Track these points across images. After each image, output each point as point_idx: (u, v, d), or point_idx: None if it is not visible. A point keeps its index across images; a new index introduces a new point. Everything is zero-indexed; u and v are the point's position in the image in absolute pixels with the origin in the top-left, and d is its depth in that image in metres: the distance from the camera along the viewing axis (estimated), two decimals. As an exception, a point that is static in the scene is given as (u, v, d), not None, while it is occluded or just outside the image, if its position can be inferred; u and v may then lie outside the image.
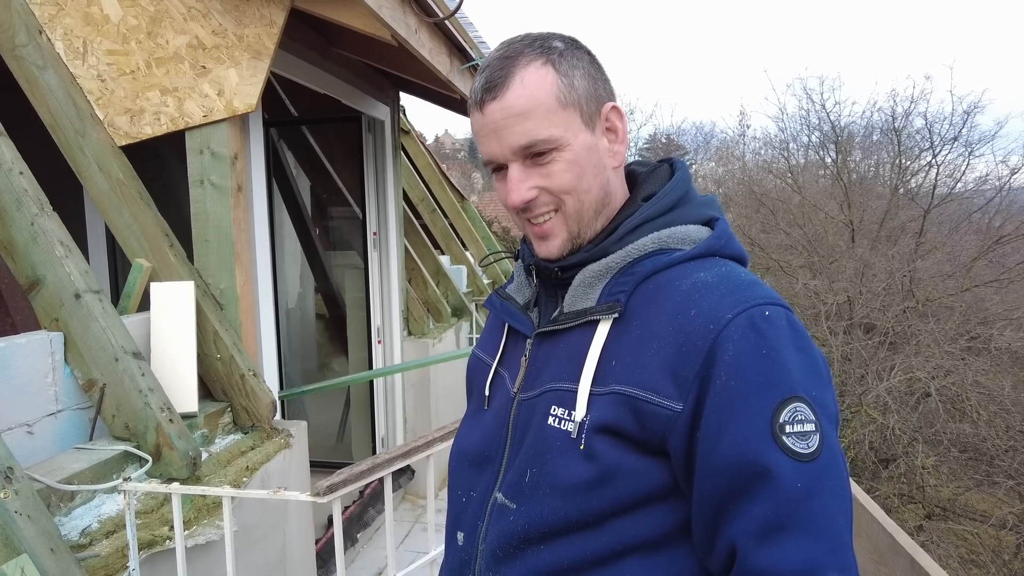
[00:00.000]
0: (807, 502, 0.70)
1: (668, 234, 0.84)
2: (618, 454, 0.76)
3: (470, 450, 0.93)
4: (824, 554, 0.70)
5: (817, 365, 0.76)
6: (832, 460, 0.72)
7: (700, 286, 0.78)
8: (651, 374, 0.75)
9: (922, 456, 7.85)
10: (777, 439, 0.70)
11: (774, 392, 0.71)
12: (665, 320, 0.77)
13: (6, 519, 1.34)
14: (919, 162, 12.21)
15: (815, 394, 0.73)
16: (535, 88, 0.80)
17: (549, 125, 0.80)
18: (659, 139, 25.23)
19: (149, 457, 1.87)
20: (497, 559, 0.83)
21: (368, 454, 4.32)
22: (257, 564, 2.23)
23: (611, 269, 0.83)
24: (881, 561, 1.45)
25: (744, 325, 0.73)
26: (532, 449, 0.83)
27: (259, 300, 2.57)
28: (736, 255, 0.86)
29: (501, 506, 0.84)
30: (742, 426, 0.71)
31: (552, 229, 0.85)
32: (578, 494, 0.77)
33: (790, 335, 0.74)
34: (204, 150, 2.35)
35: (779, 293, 0.82)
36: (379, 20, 2.17)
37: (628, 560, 0.77)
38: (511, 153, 0.82)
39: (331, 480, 1.50)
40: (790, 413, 0.71)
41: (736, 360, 0.72)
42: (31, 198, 1.91)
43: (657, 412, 0.74)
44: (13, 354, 1.72)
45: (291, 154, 4.84)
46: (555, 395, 0.82)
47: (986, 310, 9.68)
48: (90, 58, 2.34)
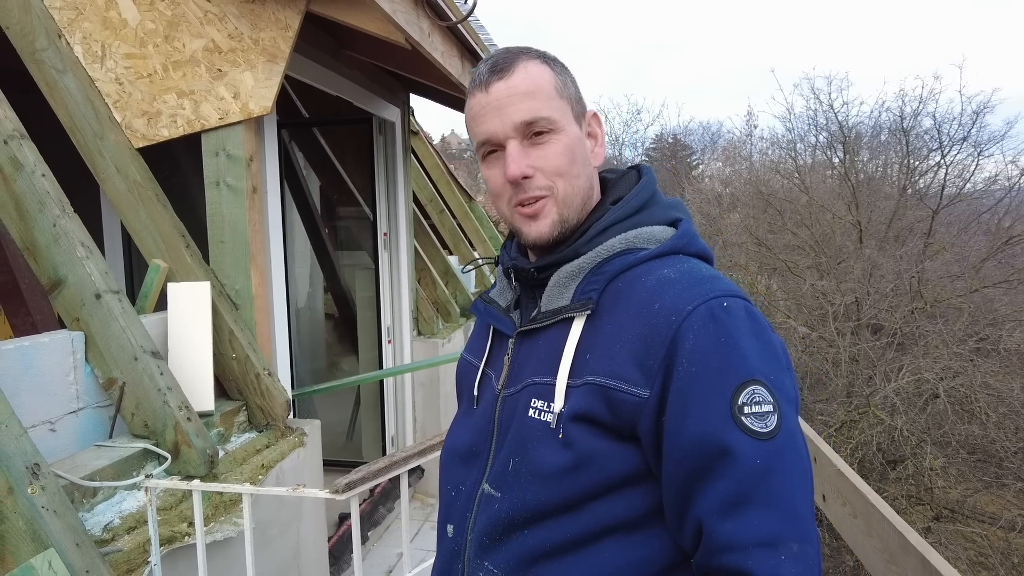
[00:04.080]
0: (766, 478, 0.74)
1: (635, 235, 0.90)
2: (593, 440, 0.81)
3: (459, 447, 0.98)
4: (784, 526, 0.74)
5: (775, 352, 0.81)
6: (790, 439, 0.77)
7: (663, 282, 0.84)
8: (620, 364, 0.81)
9: (930, 458, 7.82)
10: (736, 420, 0.75)
11: (732, 376, 0.76)
12: (632, 314, 0.83)
13: (34, 514, 1.37)
14: (928, 162, 12.16)
15: (773, 378, 0.78)
16: (538, 76, 0.89)
17: (550, 108, 0.88)
18: (666, 139, 25.19)
19: (168, 455, 1.91)
20: (484, 546, 0.87)
21: (378, 453, 4.35)
22: (272, 561, 2.26)
23: (583, 269, 0.89)
24: (892, 560, 1.46)
25: (704, 315, 0.78)
26: (514, 440, 0.88)
27: (273, 300, 2.60)
28: (699, 253, 0.91)
29: (488, 496, 0.89)
30: (703, 408, 0.76)
31: (543, 210, 0.89)
32: (557, 479, 0.82)
33: (748, 324, 0.80)
34: (220, 152, 2.38)
35: (786, 294, 0.87)
36: (394, 24, 2.20)
37: (606, 541, 0.81)
38: (512, 129, 0.88)
39: (350, 478, 1.53)
40: (748, 395, 0.76)
41: (696, 348, 0.77)
42: (53, 200, 1.94)
43: (626, 399, 0.79)
44: (36, 353, 1.76)
45: (302, 155, 4.88)
46: (535, 389, 0.87)
47: (995, 311, 9.63)
48: (108, 61, 2.38)
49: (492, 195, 0.93)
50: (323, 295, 5.14)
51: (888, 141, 13.55)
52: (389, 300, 4.28)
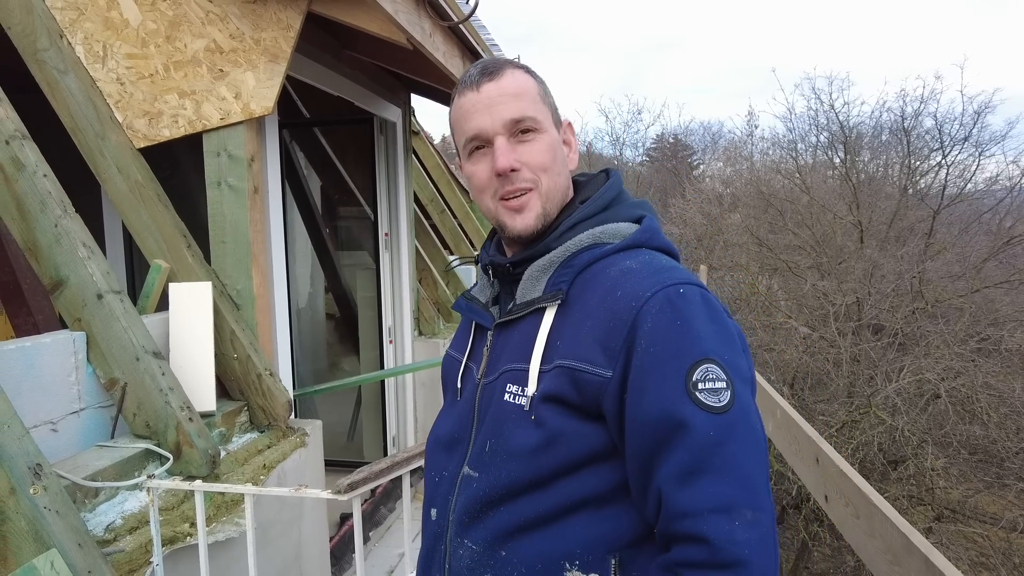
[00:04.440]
0: (720, 449, 0.80)
1: (601, 231, 0.97)
2: (562, 420, 0.88)
3: (442, 435, 1.04)
4: (738, 494, 0.80)
5: (730, 334, 0.87)
6: (744, 413, 0.83)
7: (625, 272, 0.91)
8: (586, 348, 0.88)
9: (931, 458, 7.81)
10: (691, 395, 0.81)
11: (687, 356, 0.83)
12: (597, 302, 0.90)
13: (36, 515, 1.37)
14: (929, 162, 12.16)
15: (727, 358, 0.84)
16: (524, 81, 0.98)
17: (535, 109, 0.97)
18: (667, 139, 25.19)
19: (170, 455, 1.91)
20: (463, 524, 0.93)
21: (379, 453, 4.35)
22: (273, 561, 2.26)
23: (554, 263, 0.96)
24: (895, 561, 1.46)
25: (661, 301, 0.85)
26: (492, 423, 0.95)
27: (275, 300, 2.60)
28: (662, 247, 0.98)
29: (467, 477, 0.95)
30: (661, 385, 0.82)
31: (528, 203, 0.97)
32: (529, 457, 0.88)
33: (703, 309, 0.86)
34: (221, 152, 2.38)
35: (787, 294, 0.91)
36: (396, 24, 2.20)
37: (577, 515, 0.87)
38: (501, 126, 0.95)
39: (352, 478, 1.53)
40: (702, 373, 0.82)
41: (654, 330, 0.84)
42: (55, 200, 1.94)
43: (592, 380, 0.86)
44: (39, 353, 1.76)
45: (303, 155, 4.88)
46: (510, 375, 0.94)
47: (997, 311, 9.62)
48: (110, 62, 2.38)
49: (476, 190, 0.99)
50: (324, 295, 5.13)
51: (889, 141, 13.55)
52: (390, 300, 4.28)
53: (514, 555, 0.88)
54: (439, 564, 0.97)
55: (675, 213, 15.00)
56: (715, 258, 12.44)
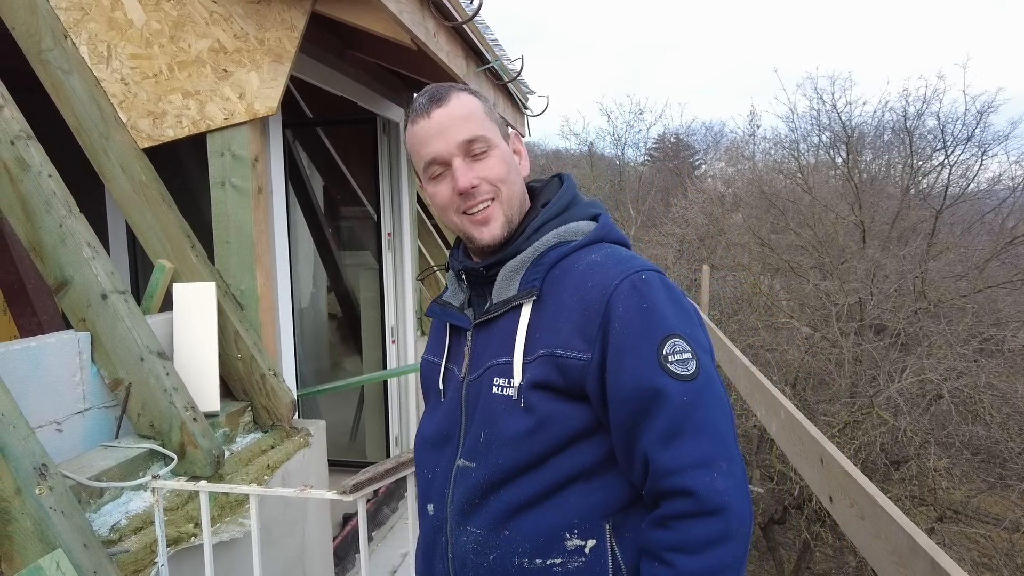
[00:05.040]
0: (694, 411, 0.91)
1: (564, 230, 1.06)
2: (550, 404, 0.96)
3: (430, 434, 1.10)
4: (714, 449, 0.91)
5: (688, 312, 0.98)
6: (708, 378, 0.94)
7: (592, 264, 1.00)
8: (566, 336, 0.96)
9: (934, 458, 7.81)
10: (663, 367, 0.92)
11: (656, 333, 0.93)
12: (571, 294, 0.98)
13: (42, 515, 1.37)
14: (931, 162, 12.14)
15: (688, 332, 0.95)
16: (470, 104, 1.05)
17: (484, 128, 1.04)
18: (668, 139, 25.16)
19: (174, 455, 1.91)
20: (465, 513, 1.00)
21: (381, 453, 4.34)
22: (277, 561, 2.26)
23: (525, 263, 1.04)
24: (901, 563, 1.45)
25: (628, 287, 0.95)
26: (482, 416, 1.01)
27: (278, 301, 2.60)
28: (618, 240, 1.08)
29: (463, 469, 1.02)
30: (636, 361, 0.92)
31: (492, 214, 1.04)
32: (522, 441, 0.96)
33: (663, 292, 0.97)
34: (225, 152, 2.38)
35: (789, 294, 0.99)
36: (399, 24, 2.19)
37: (570, 489, 0.96)
38: (456, 147, 1.02)
39: (357, 479, 1.53)
40: (671, 347, 0.93)
41: (625, 314, 0.94)
42: (60, 200, 1.94)
43: (574, 364, 0.95)
44: (43, 353, 1.76)
45: (306, 155, 4.88)
46: (496, 369, 1.01)
47: (999, 311, 9.61)
48: (114, 62, 2.38)
49: (440, 209, 1.07)
50: (327, 295, 5.13)
51: (891, 141, 13.53)
52: (393, 300, 4.27)
53: (517, 533, 0.96)
54: (441, 554, 1.03)
55: (677, 213, 14.99)
56: (717, 258, 12.44)
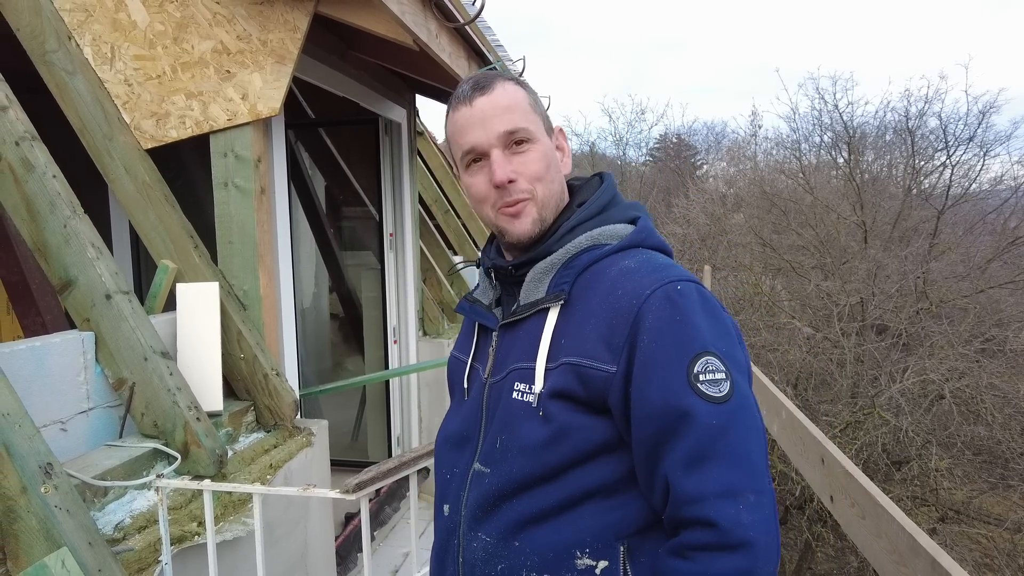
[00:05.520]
0: (723, 436, 0.84)
1: (599, 232, 1.01)
2: (569, 415, 0.91)
3: (452, 434, 1.07)
4: (742, 478, 0.83)
5: (726, 328, 0.91)
6: (743, 402, 0.87)
7: (625, 271, 0.94)
8: (591, 345, 0.91)
9: (936, 459, 7.80)
10: (693, 386, 0.85)
11: (688, 349, 0.87)
12: (599, 301, 0.93)
13: (47, 513, 1.38)
14: (933, 162, 12.13)
15: (725, 350, 0.88)
16: (515, 94, 1.01)
17: (527, 120, 1.00)
18: (670, 139, 25.15)
19: (178, 455, 1.91)
20: (477, 518, 0.97)
21: (383, 453, 4.35)
22: (280, 560, 2.27)
23: (555, 265, 0.99)
24: (901, 562, 1.46)
25: (661, 298, 0.89)
26: (501, 420, 0.98)
27: (281, 301, 2.61)
28: (657, 246, 1.02)
29: (479, 473, 0.98)
30: (664, 377, 0.86)
31: (525, 209, 1.00)
32: (539, 452, 0.92)
33: (700, 304, 0.90)
34: (228, 153, 2.39)
35: (791, 294, 0.97)
36: (402, 25, 2.20)
37: (585, 505, 0.91)
38: (496, 138, 0.98)
39: (360, 478, 1.54)
40: (702, 365, 0.86)
41: (655, 326, 0.88)
42: (64, 201, 1.95)
43: (597, 375, 0.90)
44: (48, 353, 1.77)
45: (308, 155, 4.89)
46: (518, 373, 0.97)
47: (1001, 312, 9.60)
48: (117, 63, 2.39)
49: (475, 201, 1.03)
50: (329, 295, 5.14)
51: (893, 141, 13.52)
52: (395, 300, 4.28)
53: (527, 545, 0.92)
54: (453, 557, 1.00)
55: (679, 213, 14.98)
56: (719, 258, 12.43)
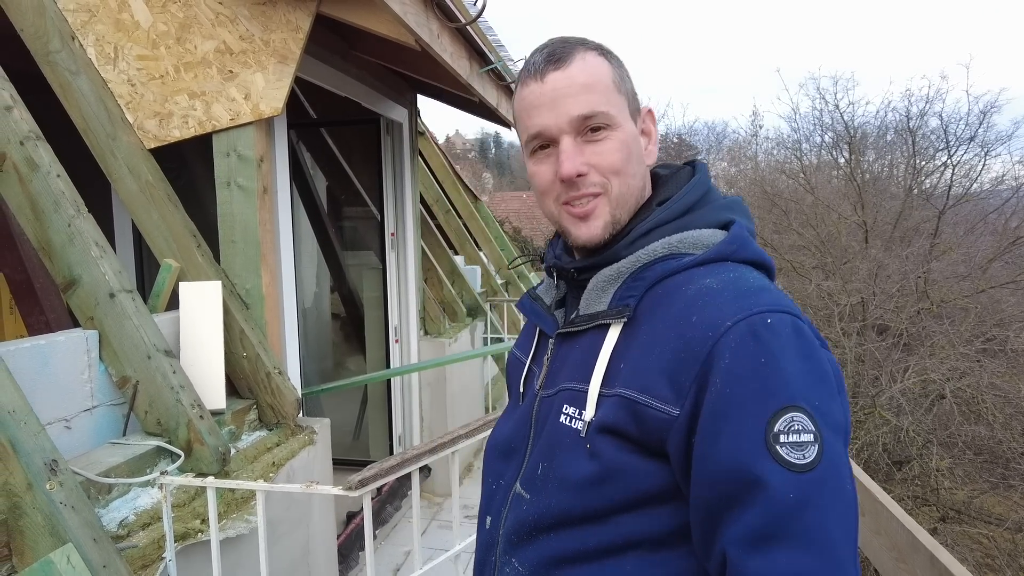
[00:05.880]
0: (800, 513, 0.68)
1: (679, 239, 0.84)
2: (620, 454, 0.78)
3: (501, 440, 0.98)
4: (817, 566, 0.68)
5: (824, 374, 0.74)
6: (833, 472, 0.70)
7: (704, 292, 0.78)
8: (652, 379, 0.76)
9: (936, 458, 7.80)
10: (770, 448, 0.69)
11: (770, 401, 0.70)
12: (669, 326, 0.78)
13: (52, 510, 1.39)
14: (934, 162, 12.12)
15: (818, 404, 0.71)
16: (596, 69, 0.85)
17: (608, 103, 0.84)
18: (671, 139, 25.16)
19: (181, 452, 1.93)
20: (512, 544, 0.88)
21: (385, 452, 4.37)
22: (282, 558, 2.28)
23: (622, 274, 0.85)
24: (901, 559, 1.47)
25: (743, 332, 0.73)
26: (546, 444, 0.87)
27: (283, 300, 2.62)
28: (752, 259, 0.85)
29: (518, 496, 0.89)
30: (736, 433, 0.71)
31: (595, 210, 0.86)
32: (582, 490, 0.80)
33: (794, 342, 0.73)
34: (231, 153, 2.40)
35: (792, 294, 0.86)
36: (404, 26, 2.21)
37: (629, 555, 0.79)
38: (567, 124, 0.84)
39: (362, 475, 1.55)
40: (786, 423, 0.70)
41: (732, 368, 0.72)
42: (68, 200, 1.96)
43: (655, 416, 0.75)
44: (52, 351, 1.78)
45: (310, 155, 4.91)
46: (568, 394, 0.85)
47: (1002, 312, 9.59)
48: (121, 63, 2.40)
49: (539, 192, 0.89)
50: (330, 295, 5.16)
51: (894, 141, 13.50)
52: (396, 300, 4.30)
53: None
54: (489, 574, 0.93)
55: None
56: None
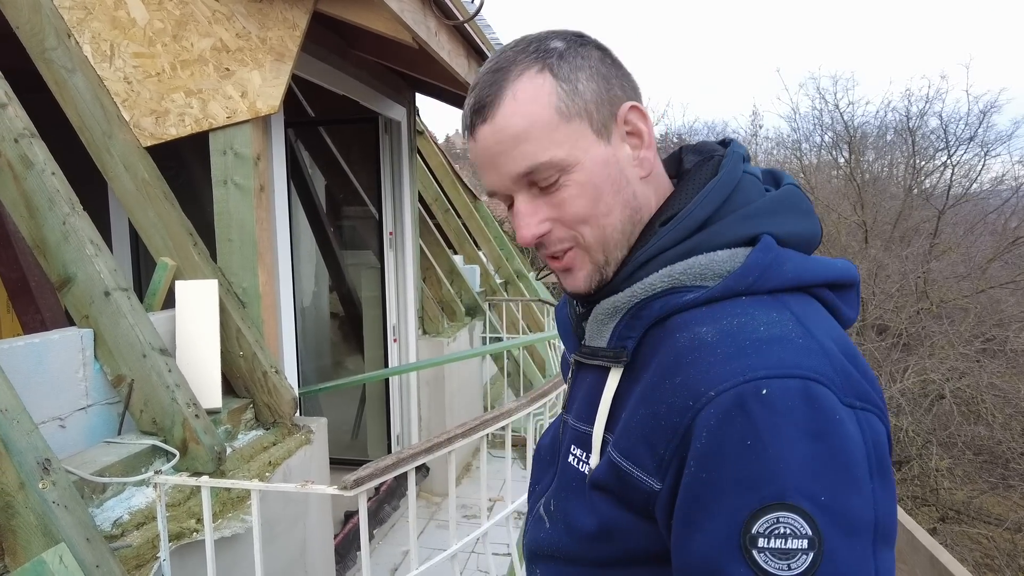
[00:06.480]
0: None
1: (684, 268, 0.69)
2: (615, 512, 0.70)
3: (544, 445, 0.92)
4: None
5: (842, 457, 0.58)
6: None
7: (696, 346, 0.64)
8: (635, 443, 0.67)
9: (936, 458, 7.81)
10: (745, 552, 0.57)
11: (750, 495, 0.58)
12: (656, 383, 0.66)
13: (45, 509, 1.38)
14: (934, 162, 12.14)
15: (824, 499, 0.57)
16: (530, 102, 0.68)
17: (551, 145, 0.69)
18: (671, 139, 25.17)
19: (176, 451, 1.92)
20: (533, 554, 0.85)
21: (383, 451, 4.36)
22: (278, 558, 2.27)
23: (619, 309, 0.72)
24: (900, 559, 1.46)
25: (728, 406, 0.59)
26: (560, 480, 0.81)
27: (280, 299, 2.61)
28: (785, 286, 0.67)
29: (540, 517, 0.84)
30: (708, 528, 0.60)
31: (573, 262, 0.74)
32: (584, 541, 0.74)
33: (797, 418, 0.58)
34: (227, 151, 2.39)
35: None
36: (401, 23, 2.20)
37: None
38: (512, 183, 0.71)
39: (358, 474, 1.54)
40: (768, 523, 0.57)
41: (708, 450, 0.60)
42: (63, 198, 1.95)
43: (638, 485, 0.66)
44: (47, 350, 1.77)
45: (307, 154, 4.90)
46: (575, 434, 0.79)
47: (1002, 312, 9.61)
48: (117, 61, 2.39)
49: None
50: (329, 294, 5.15)
51: (894, 141, 13.52)
52: (395, 299, 4.29)
53: None
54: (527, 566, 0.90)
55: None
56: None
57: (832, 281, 0.70)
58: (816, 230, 0.73)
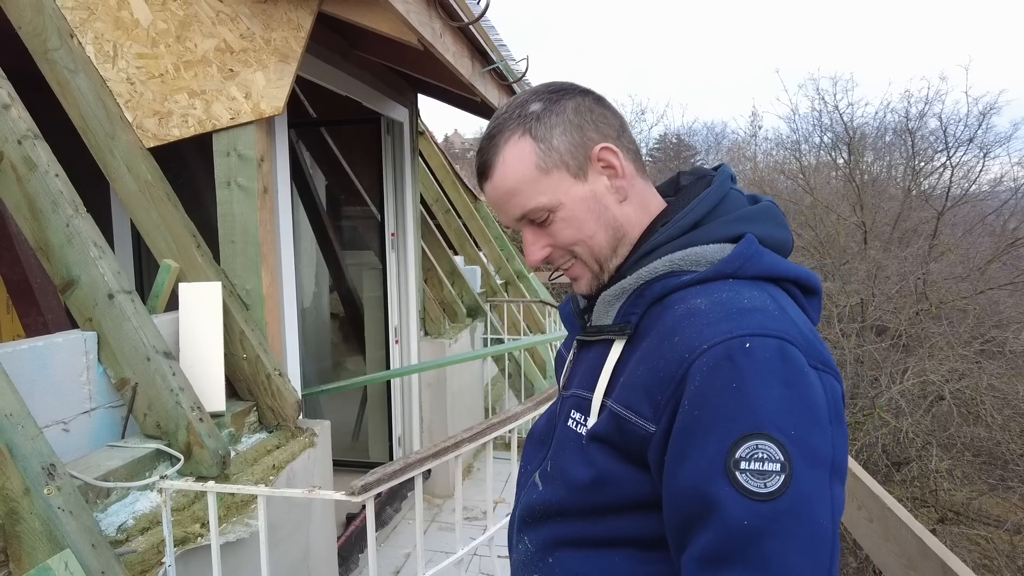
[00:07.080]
0: (756, 541, 0.68)
1: (682, 256, 0.85)
2: (609, 463, 0.82)
3: (537, 430, 1.05)
4: None
5: (809, 402, 0.72)
6: (799, 503, 0.69)
7: (690, 312, 0.79)
8: (636, 395, 0.79)
9: (935, 460, 7.81)
10: (729, 473, 0.70)
11: (735, 426, 0.70)
12: (655, 345, 0.80)
13: (50, 515, 1.37)
14: (933, 164, 12.15)
15: (793, 433, 0.70)
16: (515, 165, 0.87)
17: (536, 194, 0.87)
18: (670, 139, 25.18)
19: (180, 455, 1.90)
20: (525, 522, 0.96)
21: (384, 453, 4.35)
22: (282, 561, 2.26)
23: (625, 292, 0.87)
24: (911, 566, 1.45)
25: (718, 356, 0.73)
26: (557, 444, 0.94)
27: (283, 301, 2.60)
28: (762, 275, 0.83)
29: (534, 483, 0.97)
30: (698, 456, 0.72)
31: (576, 272, 0.92)
32: (579, 491, 0.86)
33: (774, 368, 0.72)
34: (231, 152, 2.38)
35: None
36: (407, 24, 2.19)
37: (621, 550, 0.84)
38: (515, 222, 0.91)
39: (366, 480, 1.53)
40: (749, 449, 0.69)
41: (701, 390, 0.72)
42: (66, 200, 1.94)
43: (635, 431, 0.79)
44: (51, 353, 1.76)
45: (310, 155, 4.88)
46: (576, 400, 0.91)
47: (1001, 313, 9.62)
48: (120, 61, 2.38)
49: None
50: (330, 295, 5.14)
51: (893, 142, 13.54)
52: (396, 300, 4.27)
53: (558, 566, 0.90)
54: (513, 546, 1.02)
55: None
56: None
57: (799, 278, 0.85)
58: (789, 238, 0.90)
